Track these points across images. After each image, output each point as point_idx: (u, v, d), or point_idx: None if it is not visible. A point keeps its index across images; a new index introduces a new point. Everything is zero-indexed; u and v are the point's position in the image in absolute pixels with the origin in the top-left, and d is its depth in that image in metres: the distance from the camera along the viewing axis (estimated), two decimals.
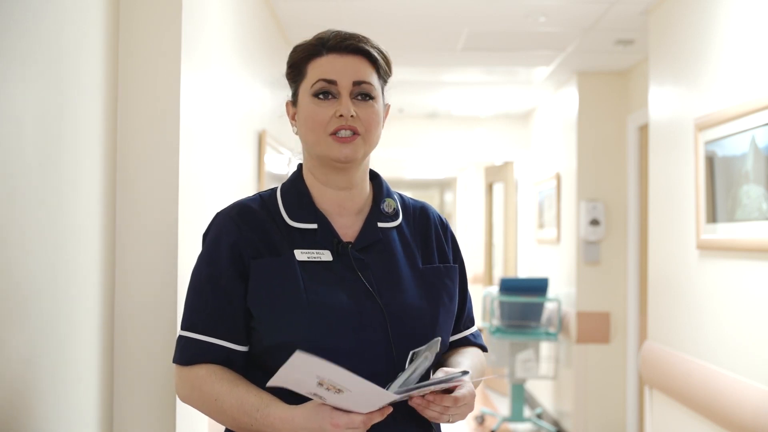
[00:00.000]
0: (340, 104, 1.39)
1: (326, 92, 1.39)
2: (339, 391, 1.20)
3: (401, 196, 1.56)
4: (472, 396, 1.35)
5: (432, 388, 1.26)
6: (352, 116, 1.38)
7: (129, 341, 1.82)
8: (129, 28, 1.84)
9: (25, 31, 1.36)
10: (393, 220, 1.48)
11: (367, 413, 1.24)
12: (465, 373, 1.32)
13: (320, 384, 1.19)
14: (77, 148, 1.61)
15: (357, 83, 1.40)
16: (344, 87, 1.39)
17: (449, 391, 1.32)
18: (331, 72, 1.40)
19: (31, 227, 1.40)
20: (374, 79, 1.43)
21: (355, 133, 1.39)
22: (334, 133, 1.39)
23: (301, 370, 1.18)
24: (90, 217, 1.68)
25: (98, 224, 1.73)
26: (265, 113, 3.57)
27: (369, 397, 1.21)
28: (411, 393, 1.24)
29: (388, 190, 1.53)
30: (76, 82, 1.60)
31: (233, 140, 2.84)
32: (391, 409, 1.26)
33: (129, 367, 1.82)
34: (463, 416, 1.36)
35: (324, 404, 1.25)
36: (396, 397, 1.22)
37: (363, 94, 1.41)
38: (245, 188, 3.07)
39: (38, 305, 1.43)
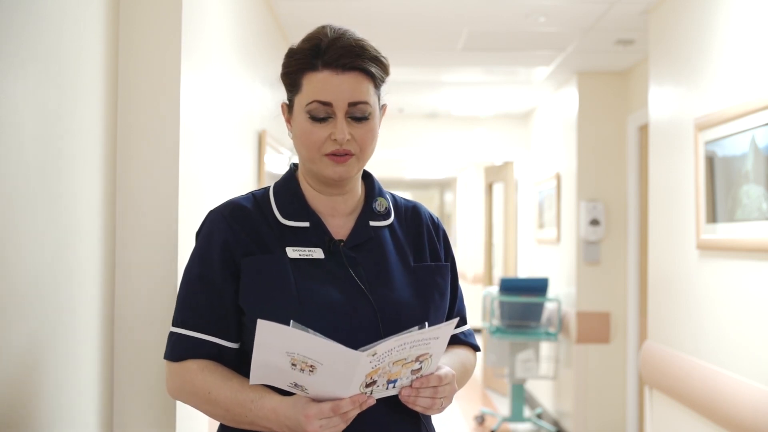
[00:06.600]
0: (335, 127, 1.37)
1: (321, 114, 1.37)
2: (312, 368, 1.20)
3: (393, 196, 1.57)
4: (453, 375, 1.36)
5: (396, 340, 1.23)
6: (347, 140, 1.38)
7: (129, 341, 1.83)
8: (129, 28, 1.84)
9: (25, 31, 1.36)
10: (385, 219, 1.50)
11: (334, 401, 1.24)
12: (421, 328, 1.31)
13: (293, 365, 1.20)
14: (77, 148, 1.60)
15: (353, 104, 1.38)
16: (340, 108, 1.37)
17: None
18: (326, 93, 1.36)
19: (31, 227, 1.40)
20: (370, 95, 1.40)
21: (349, 153, 1.39)
22: (329, 154, 1.39)
23: (270, 343, 1.19)
24: (90, 217, 1.68)
25: (98, 224, 1.73)
26: (265, 113, 3.58)
27: (343, 369, 1.21)
28: (376, 348, 1.20)
29: (380, 189, 1.54)
30: (76, 82, 1.60)
31: (233, 140, 2.84)
32: (374, 401, 1.27)
33: (129, 366, 1.82)
34: (450, 398, 1.36)
35: (301, 396, 1.26)
36: (364, 356, 1.20)
37: (358, 117, 1.39)
38: (245, 188, 3.06)
39: (38, 305, 1.43)
